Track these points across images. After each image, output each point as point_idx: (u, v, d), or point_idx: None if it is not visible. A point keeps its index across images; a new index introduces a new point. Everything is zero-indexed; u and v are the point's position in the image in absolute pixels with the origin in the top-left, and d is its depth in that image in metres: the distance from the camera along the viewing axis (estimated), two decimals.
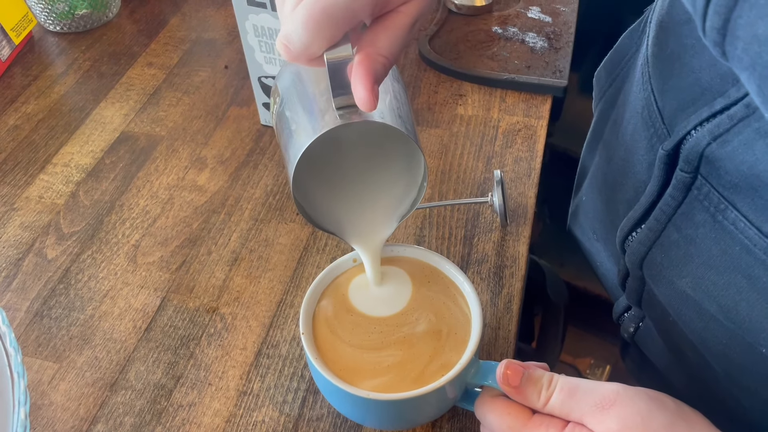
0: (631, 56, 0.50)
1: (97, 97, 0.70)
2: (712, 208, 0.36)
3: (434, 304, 0.42)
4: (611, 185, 0.48)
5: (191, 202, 0.59)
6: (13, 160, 0.64)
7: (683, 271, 0.39)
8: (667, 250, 0.40)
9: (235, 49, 0.75)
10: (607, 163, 0.49)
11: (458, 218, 0.56)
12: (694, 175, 0.37)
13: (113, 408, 0.46)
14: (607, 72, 0.54)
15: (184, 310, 0.51)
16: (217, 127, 0.66)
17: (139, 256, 0.55)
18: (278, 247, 0.55)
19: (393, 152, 0.40)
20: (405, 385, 0.38)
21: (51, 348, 0.49)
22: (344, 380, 0.38)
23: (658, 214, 0.40)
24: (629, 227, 0.43)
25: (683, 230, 0.39)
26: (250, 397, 0.46)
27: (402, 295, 0.43)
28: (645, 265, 0.43)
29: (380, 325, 0.41)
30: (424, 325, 0.41)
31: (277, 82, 0.40)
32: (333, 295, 0.43)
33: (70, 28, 0.79)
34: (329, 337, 0.40)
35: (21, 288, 0.53)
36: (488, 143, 0.63)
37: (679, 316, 0.41)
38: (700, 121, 0.36)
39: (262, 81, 0.61)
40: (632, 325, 0.49)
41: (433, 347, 0.40)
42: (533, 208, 0.57)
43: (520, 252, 0.53)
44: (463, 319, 0.42)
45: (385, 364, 0.39)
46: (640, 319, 0.48)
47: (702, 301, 0.39)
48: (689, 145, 0.36)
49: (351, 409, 0.42)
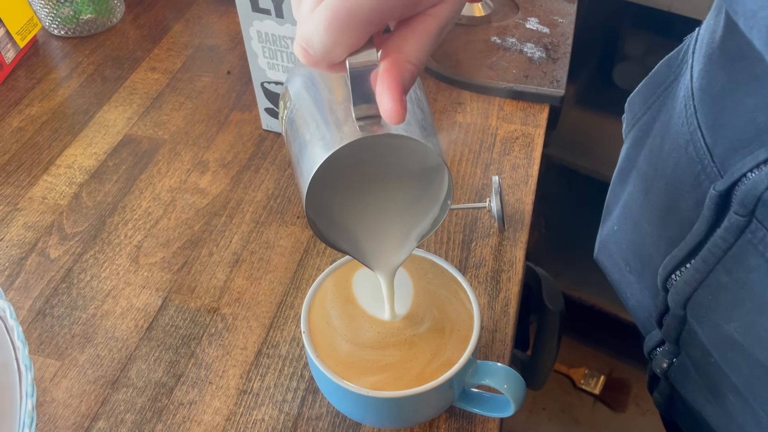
0: (669, 85, 0.48)
1: (100, 101, 0.71)
2: (767, 253, 0.34)
3: (437, 299, 0.43)
4: (650, 219, 0.45)
5: (193, 205, 0.60)
6: (17, 161, 0.65)
7: (732, 315, 0.37)
8: (715, 292, 0.38)
9: (238, 54, 0.76)
10: (644, 195, 0.46)
11: (456, 223, 0.57)
12: (749, 219, 0.35)
13: (114, 405, 0.46)
14: (642, 99, 0.52)
15: (186, 310, 0.52)
16: (220, 131, 0.67)
17: (141, 257, 0.55)
18: (279, 249, 0.56)
19: (415, 166, 0.37)
20: (405, 383, 0.39)
21: (53, 346, 0.50)
22: (344, 377, 0.39)
23: (706, 255, 0.38)
24: (673, 266, 0.41)
25: (734, 273, 0.37)
26: (250, 396, 0.46)
27: (405, 292, 0.43)
28: (690, 305, 0.41)
29: (383, 325, 0.42)
30: (429, 322, 0.42)
31: (287, 85, 0.38)
32: (336, 293, 0.44)
33: (75, 33, 0.80)
34: (330, 335, 0.41)
35: (24, 287, 0.54)
36: (486, 150, 0.64)
37: (723, 359, 0.39)
38: (757, 164, 0.34)
39: (265, 86, 0.62)
40: (666, 360, 0.46)
41: (436, 345, 0.41)
42: (530, 214, 0.58)
43: (518, 257, 0.54)
44: (465, 315, 0.42)
45: (385, 362, 0.40)
46: (675, 355, 0.46)
47: (751, 347, 0.37)
48: (745, 188, 0.34)
49: (350, 407, 0.43)
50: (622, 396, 1.36)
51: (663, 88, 0.48)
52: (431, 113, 0.36)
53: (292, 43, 0.55)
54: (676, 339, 0.44)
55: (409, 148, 0.35)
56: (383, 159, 0.37)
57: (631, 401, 1.36)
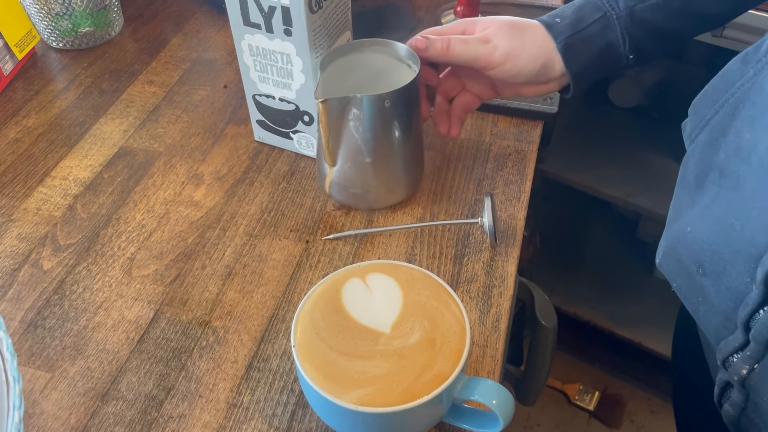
0: (748, 80, 0.48)
1: (97, 113, 0.72)
2: None
3: (427, 310, 0.43)
4: (740, 213, 0.44)
5: (187, 217, 0.60)
6: (12, 172, 0.65)
7: None
8: None
9: (235, 69, 0.77)
10: (733, 191, 0.45)
11: (449, 238, 0.57)
12: None
13: (104, 418, 0.46)
14: (712, 100, 0.51)
15: (177, 322, 0.52)
16: (215, 144, 0.67)
17: (134, 269, 0.56)
18: (272, 263, 0.56)
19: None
20: (394, 397, 0.39)
21: (44, 357, 0.50)
22: (333, 391, 0.39)
23: None
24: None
25: None
26: (240, 410, 0.46)
27: (394, 303, 0.43)
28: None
29: (373, 335, 0.42)
30: (419, 333, 0.42)
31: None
32: (326, 304, 0.44)
33: (73, 45, 0.80)
34: (319, 347, 0.41)
35: (16, 298, 0.54)
36: (480, 166, 0.64)
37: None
38: None
39: (257, 99, 0.63)
40: (746, 366, 0.44)
41: (427, 357, 0.40)
42: (522, 230, 0.58)
43: (509, 272, 0.55)
44: (456, 326, 0.42)
45: (373, 373, 0.40)
46: (758, 360, 0.43)
47: None
48: None
49: (339, 422, 0.42)
50: (617, 412, 1.36)
51: (740, 84, 0.48)
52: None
53: (281, 57, 0.56)
54: (766, 342, 0.41)
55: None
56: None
57: (626, 417, 1.35)
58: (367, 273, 0.45)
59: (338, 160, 0.56)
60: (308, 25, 0.54)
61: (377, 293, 0.44)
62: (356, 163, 0.56)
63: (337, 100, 0.51)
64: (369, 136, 0.54)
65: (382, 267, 0.46)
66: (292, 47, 0.56)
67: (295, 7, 0.53)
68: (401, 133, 0.55)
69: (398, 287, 0.44)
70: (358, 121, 0.53)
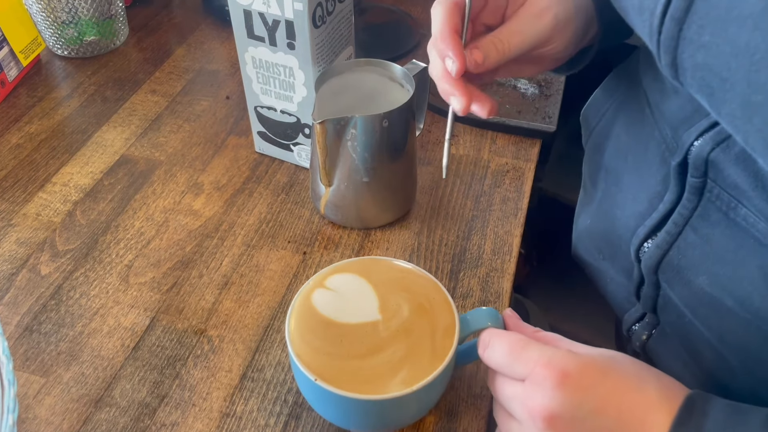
0: (624, 89, 0.54)
1: (99, 121, 0.72)
2: (724, 207, 0.40)
3: (396, 284, 0.45)
4: (621, 204, 0.50)
5: (186, 226, 0.60)
6: (13, 177, 0.65)
7: (700, 269, 0.42)
8: (683, 251, 0.43)
9: (238, 81, 0.78)
10: (616, 186, 0.52)
11: (445, 252, 0.58)
12: (704, 180, 0.41)
13: (97, 424, 0.46)
14: (596, 109, 0.58)
15: (173, 330, 0.52)
16: (216, 154, 0.68)
17: (132, 276, 0.56)
18: (268, 273, 0.56)
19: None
20: (428, 363, 0.40)
21: (38, 362, 0.50)
22: (378, 391, 0.39)
23: (676, 218, 0.43)
24: (645, 234, 0.46)
25: (700, 231, 0.42)
26: (233, 420, 0.46)
27: (364, 291, 0.44)
28: (661, 268, 0.45)
29: (371, 327, 0.42)
30: (406, 305, 0.43)
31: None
32: (310, 325, 0.43)
33: (78, 54, 0.81)
34: (335, 365, 0.41)
35: (13, 302, 0.54)
36: (477, 182, 0.64)
37: (695, 315, 0.44)
38: (700, 132, 0.41)
39: (258, 111, 0.63)
40: (645, 333, 0.51)
41: (428, 321, 0.43)
42: (518, 247, 0.58)
43: (505, 288, 0.55)
44: (427, 282, 0.45)
45: (396, 358, 0.41)
46: (653, 326, 0.50)
47: (719, 296, 0.41)
48: (694, 153, 0.41)
49: (398, 416, 0.43)
50: None
51: (618, 94, 0.55)
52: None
53: (284, 70, 0.57)
54: (653, 307, 0.48)
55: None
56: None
57: None
58: (323, 280, 0.45)
59: (334, 180, 0.56)
60: (311, 40, 0.55)
61: (344, 292, 0.45)
62: (353, 183, 0.56)
63: (334, 121, 0.52)
64: (366, 156, 0.54)
65: (333, 270, 0.46)
66: (295, 61, 0.57)
67: (298, 21, 0.54)
68: (398, 151, 0.56)
69: (358, 278, 0.45)
70: (356, 141, 0.53)
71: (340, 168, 0.55)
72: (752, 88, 0.30)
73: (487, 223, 0.60)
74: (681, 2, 0.32)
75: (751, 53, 0.29)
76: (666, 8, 0.33)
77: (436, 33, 0.44)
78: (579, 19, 0.46)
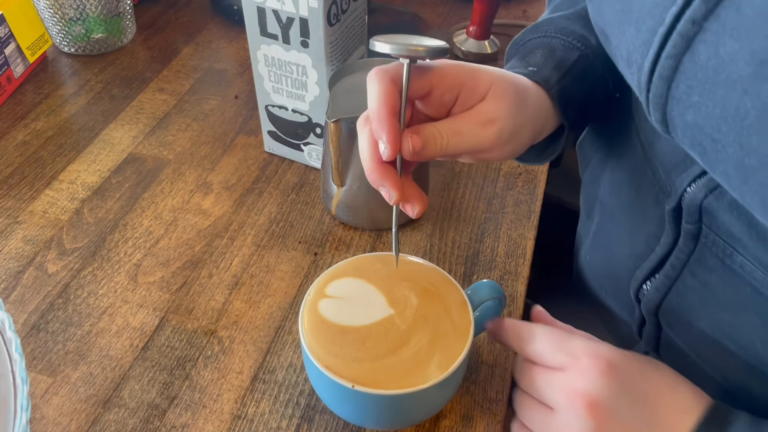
0: (620, 125, 0.52)
1: (107, 119, 0.72)
2: (720, 253, 0.39)
3: (395, 275, 0.45)
4: (618, 243, 0.50)
5: (195, 225, 0.59)
6: (19, 174, 0.64)
7: (700, 313, 0.42)
8: (683, 294, 0.43)
9: (246, 80, 0.77)
10: (611, 222, 0.52)
11: (458, 255, 0.57)
12: (699, 226, 0.40)
13: (105, 426, 0.45)
14: (591, 142, 0.58)
15: (182, 331, 0.51)
16: (225, 153, 0.67)
17: (140, 276, 0.55)
18: (279, 274, 0.55)
19: None
20: (456, 342, 0.41)
21: (46, 362, 0.49)
22: (416, 384, 0.39)
23: (674, 262, 0.43)
24: (644, 276, 0.46)
25: (698, 275, 0.41)
26: (244, 422, 0.46)
27: (367, 290, 0.44)
28: (661, 311, 0.45)
29: (388, 323, 0.42)
30: (413, 293, 0.43)
31: None
32: (327, 335, 0.42)
33: (85, 51, 0.81)
34: (364, 368, 0.40)
35: (19, 300, 0.53)
36: (490, 185, 0.64)
37: (699, 356, 0.43)
38: (693, 178, 0.40)
39: (269, 109, 0.63)
40: None
41: (438, 302, 0.43)
42: (532, 250, 0.58)
43: (519, 291, 0.54)
44: (423, 267, 0.45)
45: (422, 347, 0.40)
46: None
47: (721, 339, 0.41)
48: (688, 200, 0.40)
49: (435, 404, 0.43)
50: None
51: (613, 128, 0.54)
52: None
53: (297, 68, 0.56)
54: (656, 347, 0.48)
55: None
56: None
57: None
58: (323, 290, 0.44)
59: (347, 180, 0.55)
60: (326, 38, 0.54)
61: (349, 296, 0.44)
62: (365, 183, 0.55)
63: (349, 120, 0.51)
64: None
65: (327, 278, 0.45)
66: (308, 59, 0.56)
67: (313, 19, 0.53)
68: None
69: (356, 279, 0.45)
70: None
71: (353, 168, 0.54)
72: (745, 151, 0.29)
73: (500, 226, 0.60)
74: (669, 61, 0.31)
75: (742, 118, 0.28)
76: (654, 66, 0.32)
77: (372, 111, 0.39)
78: (526, 131, 0.43)
